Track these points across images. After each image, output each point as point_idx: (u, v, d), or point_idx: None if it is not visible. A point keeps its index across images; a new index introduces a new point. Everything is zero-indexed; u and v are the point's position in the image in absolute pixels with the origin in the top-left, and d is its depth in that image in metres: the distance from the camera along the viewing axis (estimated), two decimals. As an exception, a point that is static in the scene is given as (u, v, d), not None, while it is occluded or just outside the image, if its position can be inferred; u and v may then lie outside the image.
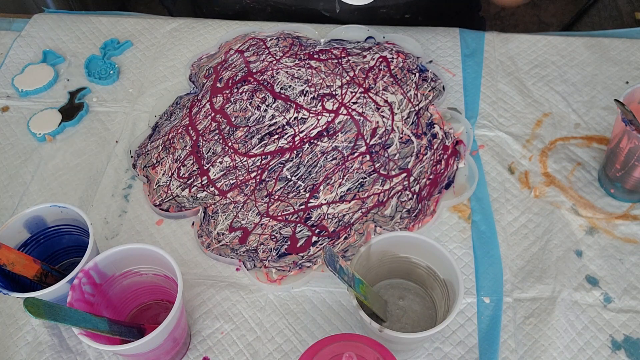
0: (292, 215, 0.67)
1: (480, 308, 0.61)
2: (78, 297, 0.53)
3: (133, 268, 0.57)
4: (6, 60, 0.85)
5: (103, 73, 0.82)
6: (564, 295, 0.61)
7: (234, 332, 0.60)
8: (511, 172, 0.70)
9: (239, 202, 0.68)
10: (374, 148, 0.71)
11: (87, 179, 0.72)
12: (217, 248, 0.65)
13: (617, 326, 0.59)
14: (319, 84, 0.76)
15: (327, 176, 0.69)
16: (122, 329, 0.53)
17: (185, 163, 0.71)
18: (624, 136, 0.61)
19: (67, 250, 0.63)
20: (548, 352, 0.58)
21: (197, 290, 0.63)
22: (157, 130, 0.76)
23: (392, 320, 0.58)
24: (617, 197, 0.67)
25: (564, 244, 0.65)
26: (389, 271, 0.60)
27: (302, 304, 0.62)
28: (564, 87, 0.78)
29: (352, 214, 0.66)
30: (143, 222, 0.69)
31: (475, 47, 0.82)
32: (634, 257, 0.63)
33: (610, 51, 0.81)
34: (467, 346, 0.59)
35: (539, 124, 0.74)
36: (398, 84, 0.76)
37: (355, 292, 0.52)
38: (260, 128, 0.72)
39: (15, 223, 0.57)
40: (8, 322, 0.62)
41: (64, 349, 0.60)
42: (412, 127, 0.72)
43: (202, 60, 0.82)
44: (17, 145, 0.76)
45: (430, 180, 0.69)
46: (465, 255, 0.64)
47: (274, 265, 0.64)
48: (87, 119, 0.79)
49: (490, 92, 0.78)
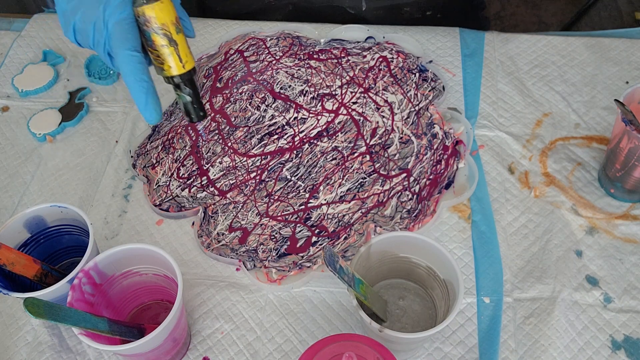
0: (292, 215, 0.67)
1: (480, 308, 0.61)
2: (78, 297, 0.53)
3: (133, 268, 0.57)
4: (6, 60, 0.85)
5: (103, 73, 0.82)
6: (564, 295, 0.61)
7: (234, 332, 0.61)
8: (511, 172, 0.70)
9: (238, 202, 0.68)
10: (374, 148, 0.71)
11: (87, 179, 0.72)
12: (217, 248, 0.65)
13: (617, 326, 0.59)
14: (319, 84, 0.76)
15: (327, 176, 0.69)
16: (122, 329, 0.53)
17: (185, 163, 0.71)
18: (624, 136, 0.61)
19: (67, 250, 0.63)
20: (548, 352, 0.58)
21: (197, 290, 0.63)
22: (156, 130, 0.76)
23: (392, 320, 0.58)
24: (617, 197, 0.67)
25: (564, 244, 0.65)
26: (389, 271, 0.60)
27: (302, 304, 0.62)
28: (564, 87, 0.78)
29: (352, 214, 0.66)
30: (143, 222, 0.69)
31: (475, 47, 0.82)
32: (634, 257, 0.63)
33: (610, 51, 0.81)
34: (467, 346, 0.59)
35: (539, 124, 0.74)
36: (398, 84, 0.76)
37: (355, 292, 0.52)
38: (260, 128, 0.72)
39: (15, 223, 0.57)
40: (8, 322, 0.62)
41: (64, 349, 0.60)
42: (412, 127, 0.72)
43: (202, 60, 0.82)
44: (17, 145, 0.76)
45: (430, 181, 0.69)
46: (465, 255, 0.64)
47: (274, 265, 0.64)
48: (87, 119, 0.79)
49: (490, 92, 0.78)
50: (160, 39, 0.50)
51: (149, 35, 0.50)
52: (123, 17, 0.50)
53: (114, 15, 0.50)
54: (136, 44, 0.51)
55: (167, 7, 0.50)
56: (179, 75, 0.52)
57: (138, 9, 0.50)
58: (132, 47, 0.51)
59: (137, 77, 0.51)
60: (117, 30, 0.51)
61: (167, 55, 0.51)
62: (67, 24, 0.54)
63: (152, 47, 0.51)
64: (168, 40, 0.50)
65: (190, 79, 0.53)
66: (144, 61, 0.52)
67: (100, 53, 0.53)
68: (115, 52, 0.51)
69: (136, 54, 0.51)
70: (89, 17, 0.52)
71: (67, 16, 0.53)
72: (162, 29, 0.50)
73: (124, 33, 0.51)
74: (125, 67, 0.51)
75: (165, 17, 0.50)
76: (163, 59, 0.51)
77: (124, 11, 0.50)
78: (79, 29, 0.53)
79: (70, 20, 0.53)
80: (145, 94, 0.52)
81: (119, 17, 0.50)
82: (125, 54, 0.51)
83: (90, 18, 0.51)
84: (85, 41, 0.54)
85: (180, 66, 0.51)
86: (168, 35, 0.50)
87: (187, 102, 0.53)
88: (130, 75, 0.51)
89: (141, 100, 0.52)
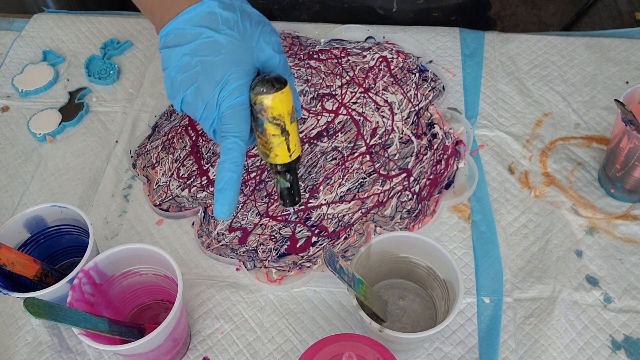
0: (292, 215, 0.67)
1: (480, 308, 0.61)
2: (78, 297, 0.53)
3: (133, 268, 0.57)
4: (6, 60, 0.85)
5: (103, 73, 0.82)
6: (564, 295, 0.61)
7: (234, 332, 0.61)
8: (511, 172, 0.70)
9: (238, 203, 0.68)
10: (374, 148, 0.71)
11: (87, 179, 0.72)
12: (217, 248, 0.65)
13: (617, 326, 0.59)
14: (319, 83, 0.76)
15: (326, 176, 0.69)
16: (122, 329, 0.53)
17: (185, 163, 0.71)
18: (624, 136, 0.61)
19: (67, 250, 0.63)
20: (548, 352, 0.58)
21: (197, 290, 0.63)
22: (156, 130, 0.76)
23: (392, 320, 0.58)
24: (617, 197, 0.67)
25: (564, 244, 0.65)
26: (389, 271, 0.60)
27: (302, 304, 0.62)
28: (564, 87, 0.78)
29: (352, 214, 0.66)
30: (143, 222, 0.69)
31: (475, 47, 0.82)
32: (634, 257, 0.63)
33: (610, 51, 0.81)
34: (467, 346, 0.59)
35: (539, 124, 0.74)
36: (398, 84, 0.76)
37: (355, 292, 0.52)
38: (260, 128, 0.72)
39: (15, 223, 0.57)
40: (8, 322, 0.62)
41: (64, 349, 0.60)
42: (412, 127, 0.72)
43: (202, 60, 0.82)
44: (17, 145, 0.76)
45: (430, 181, 0.69)
46: (465, 255, 0.64)
47: (274, 265, 0.64)
48: (87, 119, 0.79)
49: (490, 92, 0.78)
50: (274, 128, 0.48)
51: (262, 123, 0.48)
52: (238, 102, 0.48)
53: (230, 98, 0.49)
54: (245, 134, 0.50)
55: (286, 98, 0.48)
56: (284, 164, 0.50)
57: (257, 97, 0.48)
58: (241, 136, 0.49)
59: (232, 168, 0.49)
60: (229, 114, 0.49)
61: (276, 145, 0.49)
62: (174, 92, 0.51)
63: (261, 134, 0.49)
64: (281, 130, 0.48)
65: (295, 167, 0.51)
66: (244, 153, 0.50)
67: (205, 128, 0.51)
68: (222, 134, 0.50)
69: (242, 144, 0.49)
70: (202, 94, 0.49)
71: (176, 86, 0.51)
72: (276, 119, 0.48)
73: (237, 119, 0.49)
74: (226, 155, 0.49)
75: (283, 108, 0.48)
76: (271, 147, 0.49)
77: (240, 95, 0.48)
78: (188, 102, 0.51)
79: (179, 91, 0.51)
80: (231, 189, 0.49)
81: (234, 101, 0.49)
82: (232, 142, 0.49)
83: (203, 96, 0.49)
84: (192, 113, 0.51)
85: (287, 156, 0.49)
86: (282, 126, 0.48)
87: (284, 188, 0.52)
88: (227, 163, 0.49)
89: (225, 193, 0.49)
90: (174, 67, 0.50)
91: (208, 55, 0.49)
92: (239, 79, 0.48)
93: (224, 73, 0.48)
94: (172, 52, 0.50)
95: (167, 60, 0.51)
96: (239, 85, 0.48)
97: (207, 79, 0.49)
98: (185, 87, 0.50)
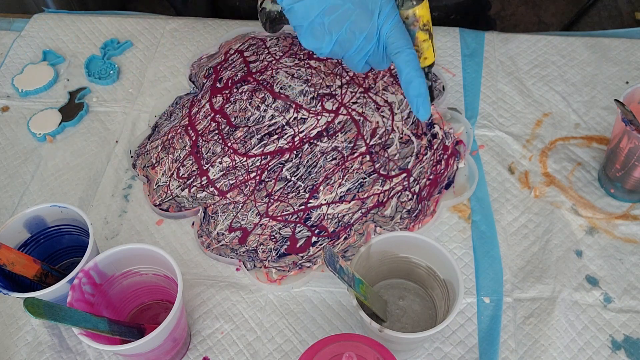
0: (292, 215, 0.67)
1: (480, 308, 0.61)
2: (78, 297, 0.53)
3: (133, 268, 0.57)
4: (6, 60, 0.85)
5: (103, 73, 0.82)
6: (564, 295, 0.61)
7: (234, 332, 0.61)
8: (511, 172, 0.70)
9: (238, 203, 0.68)
10: (374, 148, 0.71)
11: (87, 179, 0.72)
12: (217, 248, 0.65)
13: (617, 326, 0.59)
14: (319, 83, 0.76)
15: (326, 176, 0.69)
16: (122, 329, 0.53)
17: (185, 163, 0.71)
18: (624, 136, 0.61)
19: (67, 250, 0.63)
20: (548, 352, 0.58)
21: (197, 290, 0.63)
22: (156, 130, 0.76)
23: (392, 320, 0.58)
24: (617, 197, 0.67)
25: (564, 244, 0.65)
26: (389, 271, 0.60)
27: (302, 304, 0.62)
28: (564, 87, 0.78)
29: (352, 214, 0.66)
30: (143, 222, 0.69)
31: (475, 47, 0.82)
32: (634, 257, 0.63)
33: (610, 51, 0.81)
34: (467, 346, 0.59)
35: (539, 124, 0.74)
36: (398, 84, 0.76)
37: (355, 292, 0.52)
38: (260, 128, 0.72)
39: (15, 223, 0.57)
40: (8, 322, 0.62)
41: (64, 349, 0.60)
42: (412, 127, 0.72)
43: (202, 60, 0.82)
44: (17, 145, 0.76)
45: (430, 181, 0.69)
46: (465, 255, 0.64)
47: (274, 265, 0.64)
48: (87, 119, 0.79)
49: (490, 92, 0.78)
50: (424, 34, 0.57)
51: (413, 34, 0.57)
52: (397, 20, 0.56)
53: (389, 20, 0.56)
54: (412, 44, 0.57)
55: (427, 5, 0.57)
56: (429, 65, 0.59)
57: (409, 10, 0.56)
58: (411, 45, 0.57)
59: (419, 73, 0.56)
60: (395, 33, 0.56)
61: (426, 49, 0.58)
62: (322, 37, 0.57)
63: (413, 44, 0.58)
64: (429, 34, 0.57)
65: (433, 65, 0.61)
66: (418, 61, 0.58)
67: (356, 60, 0.59)
68: (395, 51, 0.56)
69: (414, 51, 0.57)
70: (360, 27, 0.56)
71: (325, 30, 0.57)
72: (426, 25, 0.57)
73: (402, 33, 0.56)
74: (408, 66, 0.56)
75: (428, 14, 0.57)
76: (421, 52, 0.58)
77: (396, 14, 0.56)
78: (342, 40, 0.57)
79: (330, 33, 0.57)
80: (426, 89, 0.57)
81: (394, 20, 0.56)
82: (407, 53, 0.56)
83: (360, 28, 0.56)
84: (344, 49, 0.58)
85: (433, 55, 0.59)
86: (429, 30, 0.57)
87: (429, 87, 0.59)
88: (414, 71, 0.56)
89: (422, 94, 0.57)
90: (317, 12, 0.56)
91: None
92: (389, 2, 0.56)
93: (374, 1, 0.55)
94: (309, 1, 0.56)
95: (305, 11, 0.56)
96: (392, 6, 0.56)
97: (362, 12, 0.55)
98: (339, 26, 0.56)
